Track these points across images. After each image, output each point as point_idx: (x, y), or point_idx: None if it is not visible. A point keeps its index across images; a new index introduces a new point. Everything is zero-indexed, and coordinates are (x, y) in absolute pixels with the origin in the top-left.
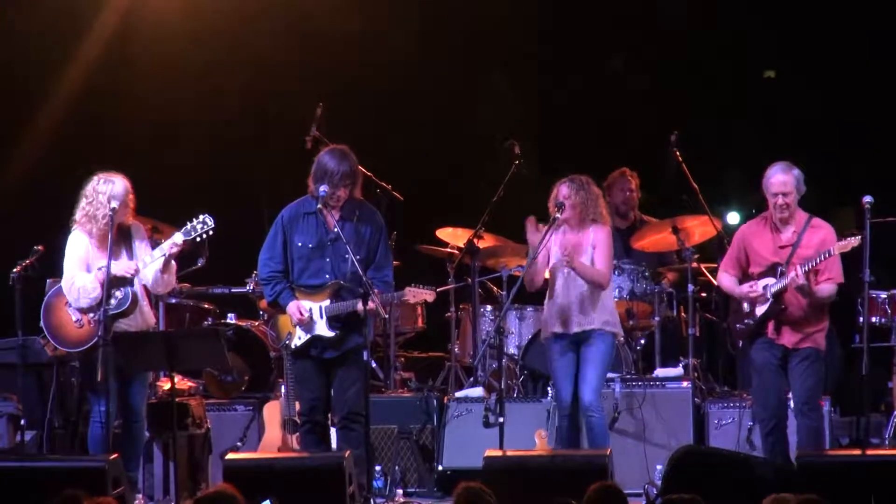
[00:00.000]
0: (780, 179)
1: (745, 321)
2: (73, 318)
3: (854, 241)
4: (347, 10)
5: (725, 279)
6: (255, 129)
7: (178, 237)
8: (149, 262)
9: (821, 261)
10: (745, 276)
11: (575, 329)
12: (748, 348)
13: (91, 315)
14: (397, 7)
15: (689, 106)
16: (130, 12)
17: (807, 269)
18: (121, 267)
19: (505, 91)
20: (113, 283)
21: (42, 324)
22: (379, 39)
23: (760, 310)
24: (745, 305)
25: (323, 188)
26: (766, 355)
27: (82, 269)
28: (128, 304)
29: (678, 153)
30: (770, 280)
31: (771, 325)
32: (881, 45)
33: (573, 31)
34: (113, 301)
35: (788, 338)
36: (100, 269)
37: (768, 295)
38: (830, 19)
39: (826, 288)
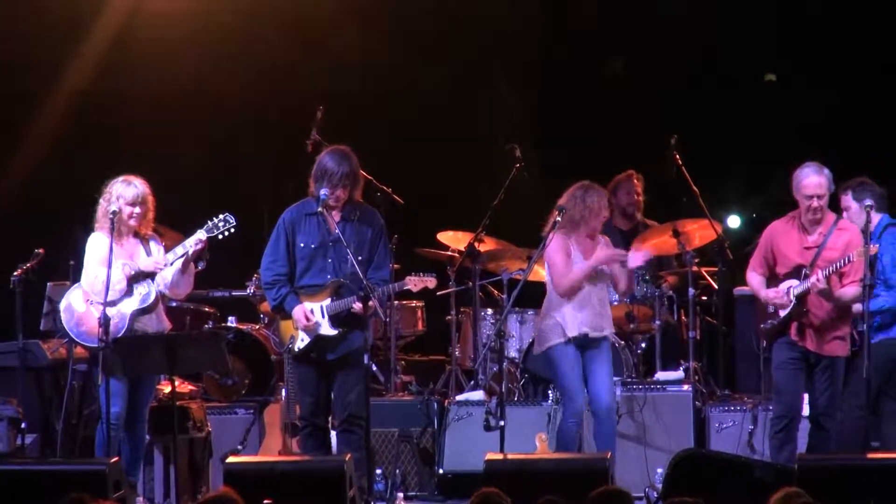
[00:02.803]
0: (815, 181)
1: (769, 322)
2: (97, 315)
3: (873, 249)
4: (348, 13)
5: (753, 278)
6: (255, 132)
7: (202, 234)
8: (172, 260)
9: (843, 265)
10: (772, 276)
11: (595, 334)
12: (769, 349)
13: (115, 310)
14: (397, 10)
15: (690, 109)
16: (131, 15)
17: (828, 273)
18: (148, 262)
19: (505, 94)
20: (137, 278)
21: (64, 325)
22: (379, 42)
23: (783, 311)
24: (770, 306)
25: (323, 191)
26: (786, 354)
27: (105, 266)
28: (151, 300)
29: (678, 156)
30: (794, 282)
31: (794, 327)
32: (882, 48)
33: (573, 34)
34: (137, 296)
35: (811, 341)
36: (124, 263)
37: (791, 297)
38: (831, 22)
39: (850, 291)
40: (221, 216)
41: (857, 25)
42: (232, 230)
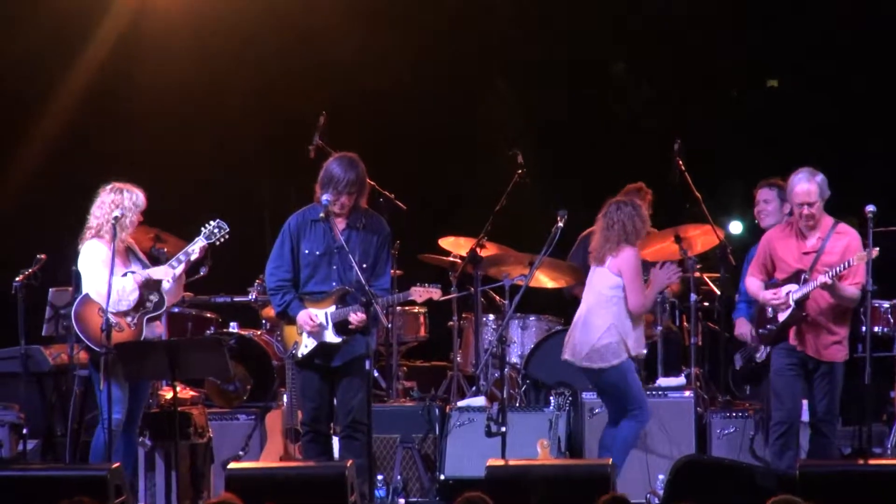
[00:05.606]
0: (804, 189)
1: (768, 326)
2: (112, 323)
3: (874, 253)
4: (350, 17)
5: (752, 283)
6: (257, 138)
7: (202, 241)
8: (176, 267)
9: (842, 270)
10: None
11: (642, 352)
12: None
13: (129, 319)
14: (400, 16)
15: (692, 115)
16: (134, 22)
17: (829, 277)
18: (160, 272)
19: (508, 100)
20: (149, 287)
21: (79, 333)
22: (382, 48)
23: (782, 316)
24: (769, 311)
25: (326, 197)
26: (785, 360)
27: (119, 275)
28: (164, 307)
29: (681, 162)
30: (793, 286)
31: (793, 332)
32: (882, 55)
33: (575, 40)
34: (149, 304)
35: (810, 346)
36: (132, 272)
37: (790, 301)
38: (833, 29)
39: (851, 289)
40: (214, 223)
41: (858, 30)
42: (227, 236)
